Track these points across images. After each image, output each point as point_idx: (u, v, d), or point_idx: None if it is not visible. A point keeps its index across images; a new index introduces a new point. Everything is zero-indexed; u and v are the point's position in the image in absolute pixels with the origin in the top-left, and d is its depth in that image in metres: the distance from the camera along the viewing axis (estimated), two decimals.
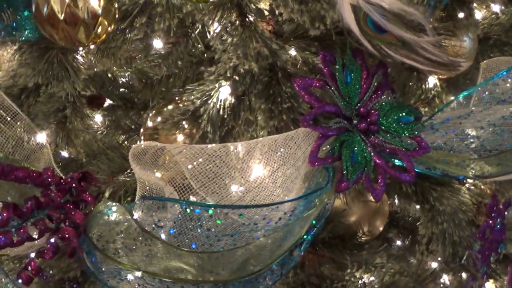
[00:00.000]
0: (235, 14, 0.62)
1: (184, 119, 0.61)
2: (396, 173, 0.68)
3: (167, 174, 0.65)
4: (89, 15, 0.53)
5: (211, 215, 0.55)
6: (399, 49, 0.54)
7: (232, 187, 0.62)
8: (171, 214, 0.57)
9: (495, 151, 0.70)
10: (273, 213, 0.58)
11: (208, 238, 0.56)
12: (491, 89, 0.69)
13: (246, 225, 0.56)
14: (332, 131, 0.65)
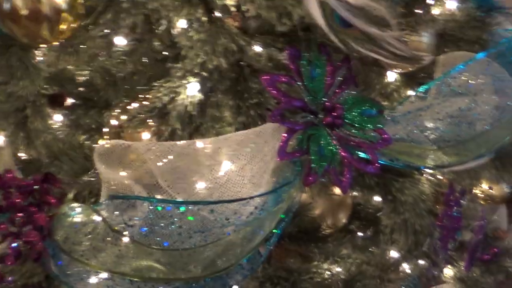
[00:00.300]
0: (202, 10, 0.61)
1: (152, 116, 0.60)
2: (361, 165, 0.70)
3: (134, 173, 0.65)
4: (52, 11, 0.51)
5: (182, 212, 0.55)
6: (365, 44, 0.55)
7: (201, 184, 0.62)
8: (142, 212, 0.57)
9: (453, 142, 0.73)
10: (244, 208, 0.58)
11: (180, 236, 0.55)
12: (449, 82, 0.72)
13: (218, 221, 0.56)
14: (299, 125, 0.66)
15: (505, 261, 1.13)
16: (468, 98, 0.72)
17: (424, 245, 0.84)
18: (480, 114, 0.72)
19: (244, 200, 0.57)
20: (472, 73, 0.72)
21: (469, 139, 0.73)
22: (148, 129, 0.63)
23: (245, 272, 0.65)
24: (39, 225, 0.63)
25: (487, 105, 0.72)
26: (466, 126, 0.73)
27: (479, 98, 0.72)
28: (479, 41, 0.89)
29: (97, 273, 0.59)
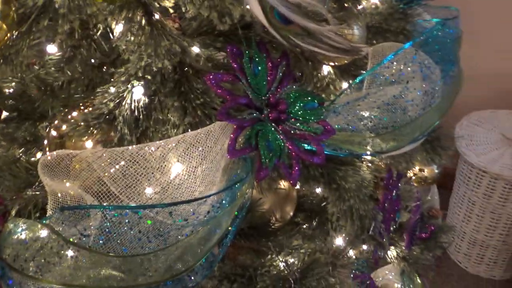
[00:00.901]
0: (140, 13, 0.61)
1: (100, 123, 0.59)
2: (308, 157, 0.72)
3: (83, 182, 0.63)
4: None
5: (140, 216, 0.54)
6: (306, 38, 0.57)
7: (153, 188, 0.62)
8: (96, 221, 0.56)
9: (390, 128, 0.77)
10: (201, 208, 0.58)
11: (139, 241, 0.55)
12: (382, 71, 0.76)
13: (176, 223, 0.56)
14: (246, 122, 0.68)
15: (441, 237, 1.20)
16: (400, 86, 0.77)
17: (369, 229, 0.88)
18: (412, 100, 0.77)
19: (201, 200, 0.57)
20: (402, 62, 0.77)
21: (404, 124, 0.77)
22: (93, 137, 0.62)
23: (204, 272, 0.66)
24: None
25: (418, 91, 0.77)
26: (400, 113, 0.77)
27: (411, 85, 0.77)
28: (404, 31, 0.94)
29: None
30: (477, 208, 2.14)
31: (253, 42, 0.69)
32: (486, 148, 2.11)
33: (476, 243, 2.22)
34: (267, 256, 0.86)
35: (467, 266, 2.30)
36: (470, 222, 2.20)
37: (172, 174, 0.63)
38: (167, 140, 0.62)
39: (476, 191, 2.12)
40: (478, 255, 2.24)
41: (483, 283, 2.25)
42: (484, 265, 2.26)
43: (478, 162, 2.05)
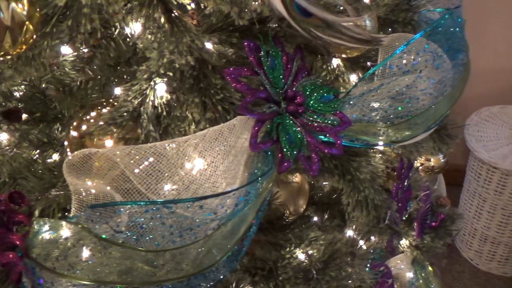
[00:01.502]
0: (160, 10, 0.62)
1: (125, 120, 0.60)
2: (326, 148, 0.73)
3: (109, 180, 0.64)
4: (14, 21, 0.49)
5: (172, 211, 0.55)
6: (326, 30, 0.58)
7: (178, 184, 0.62)
8: (127, 217, 0.56)
9: (404, 118, 0.78)
10: (229, 201, 0.59)
11: (172, 235, 0.55)
12: (395, 62, 0.77)
13: (206, 217, 0.57)
14: (266, 115, 0.68)
15: (451, 225, 1.22)
16: (413, 75, 0.78)
17: (385, 218, 0.89)
18: (425, 89, 0.78)
19: (230, 193, 0.58)
20: (414, 51, 0.78)
21: (419, 114, 0.78)
22: (115, 135, 0.62)
23: (231, 265, 0.67)
24: (14, 245, 0.60)
25: (430, 80, 0.78)
26: (414, 102, 0.78)
27: (424, 74, 0.78)
28: (411, 22, 0.95)
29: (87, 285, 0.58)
30: (488, 204, 2.12)
31: (270, 36, 0.70)
32: (496, 144, 2.09)
33: (487, 240, 2.20)
34: (285, 249, 0.87)
35: (478, 263, 2.27)
36: (481, 219, 2.17)
37: (195, 170, 0.64)
38: (189, 136, 0.62)
39: (487, 187, 2.09)
40: (490, 252, 2.22)
41: (495, 280, 2.22)
42: (496, 262, 2.23)
43: (489, 158, 2.02)
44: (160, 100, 0.62)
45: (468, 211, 2.24)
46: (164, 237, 0.55)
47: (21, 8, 0.50)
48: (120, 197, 0.61)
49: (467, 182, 2.24)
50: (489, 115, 2.24)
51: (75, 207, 0.66)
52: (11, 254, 0.59)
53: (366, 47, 0.64)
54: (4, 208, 0.63)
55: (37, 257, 0.60)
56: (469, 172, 2.20)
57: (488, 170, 2.05)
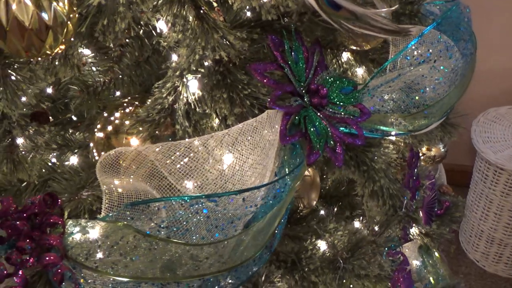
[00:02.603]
0: (190, 7, 0.62)
1: (164, 117, 0.60)
2: (350, 139, 0.75)
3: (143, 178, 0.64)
4: (56, 21, 0.49)
5: (217, 204, 0.55)
6: (355, 22, 0.60)
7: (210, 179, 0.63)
8: (171, 212, 0.56)
9: (422, 107, 0.80)
10: (270, 192, 0.60)
11: (217, 228, 0.56)
12: (411, 53, 0.79)
13: (248, 209, 0.58)
14: (294, 109, 0.70)
15: (455, 212, 1.24)
16: (428, 65, 0.80)
17: (401, 207, 0.91)
18: (440, 79, 0.80)
19: (270, 185, 0.59)
20: (428, 42, 0.80)
21: (434, 103, 0.81)
22: (148, 133, 0.63)
23: (265, 256, 0.67)
24: (52, 247, 0.60)
25: (445, 69, 0.80)
26: (430, 91, 0.80)
27: (438, 64, 0.80)
28: (418, 14, 0.97)
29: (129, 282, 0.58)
30: (495, 206, 2.08)
31: (293, 31, 0.71)
32: (503, 145, 2.06)
33: (494, 241, 2.15)
34: (305, 241, 0.88)
35: (485, 265, 2.22)
36: (488, 220, 2.14)
37: (226, 165, 0.64)
38: (220, 132, 0.63)
39: (494, 188, 2.06)
40: (496, 253, 2.17)
41: (502, 282, 2.19)
42: (503, 264, 2.19)
43: (496, 160, 1.99)
44: (192, 96, 0.62)
45: (474, 213, 2.21)
46: (209, 230, 0.56)
47: (61, 7, 0.50)
48: (157, 194, 0.62)
49: (473, 183, 2.21)
50: (496, 116, 2.21)
51: (106, 207, 0.66)
52: (52, 255, 0.59)
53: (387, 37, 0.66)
54: (38, 210, 0.63)
55: (76, 257, 0.60)
56: (476, 173, 2.17)
57: (495, 171, 2.02)
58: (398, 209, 0.91)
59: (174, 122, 0.61)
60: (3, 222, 0.62)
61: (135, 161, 0.64)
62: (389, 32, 0.61)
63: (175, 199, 0.55)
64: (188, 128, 0.61)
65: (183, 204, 0.55)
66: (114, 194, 0.66)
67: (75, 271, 0.59)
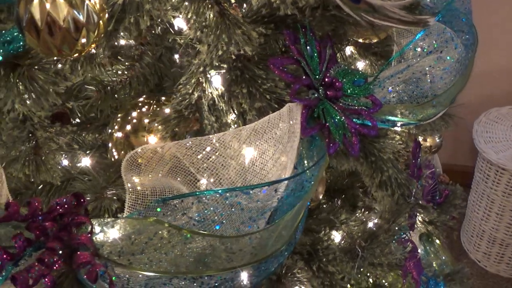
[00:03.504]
0: (212, 4, 0.63)
1: (192, 112, 0.61)
2: (364, 130, 0.77)
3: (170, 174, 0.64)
4: (90, 19, 0.49)
5: (250, 196, 0.56)
6: (374, 14, 0.61)
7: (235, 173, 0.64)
8: (202, 206, 0.57)
9: (430, 96, 0.83)
10: (298, 183, 0.61)
11: (250, 220, 0.57)
12: (419, 44, 0.81)
13: (278, 200, 0.59)
14: (312, 101, 0.71)
15: (454, 200, 1.28)
16: (435, 55, 0.82)
17: (410, 195, 0.93)
18: (447, 68, 0.82)
19: (301, 175, 0.60)
20: (435, 33, 0.82)
21: (442, 92, 0.83)
22: (174, 129, 0.63)
23: (290, 248, 0.69)
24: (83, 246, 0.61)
25: (451, 59, 0.82)
26: (438, 81, 0.82)
27: (444, 55, 0.82)
28: (418, 7, 1.00)
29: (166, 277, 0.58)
30: (497, 206, 2.08)
31: (308, 26, 0.72)
32: (505, 145, 2.06)
33: (496, 241, 2.15)
34: (319, 233, 0.89)
35: (486, 265, 2.23)
36: (489, 221, 2.13)
37: (250, 159, 0.65)
38: (242, 127, 0.64)
39: (496, 189, 2.05)
40: (498, 254, 2.17)
41: (503, 282, 2.18)
42: (504, 264, 2.19)
43: (497, 160, 1.99)
44: (216, 91, 0.63)
45: (476, 213, 2.20)
46: (243, 222, 0.56)
47: (93, 4, 0.50)
48: (186, 190, 0.62)
49: (475, 183, 2.21)
50: (498, 116, 2.21)
51: (129, 205, 0.67)
52: (85, 254, 0.59)
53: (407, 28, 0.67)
54: (64, 210, 0.63)
55: (108, 255, 0.60)
56: (478, 173, 2.17)
57: (497, 171, 2.02)
58: (407, 197, 0.93)
59: (199, 118, 0.62)
60: (30, 224, 0.62)
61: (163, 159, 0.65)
62: (407, 23, 0.63)
63: (209, 192, 0.56)
64: (214, 123, 0.62)
65: (217, 198, 0.56)
66: (138, 192, 0.66)
67: (108, 269, 0.60)
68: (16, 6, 0.50)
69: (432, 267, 1.13)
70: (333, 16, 0.76)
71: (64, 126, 0.65)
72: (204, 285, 0.61)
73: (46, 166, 0.64)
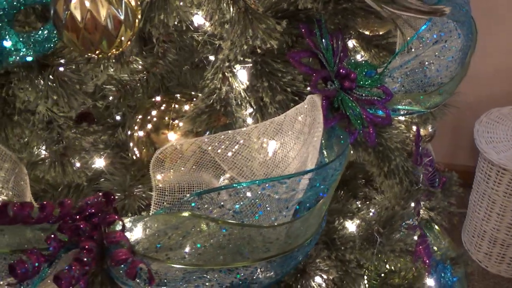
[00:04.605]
0: None
1: (223, 106, 0.61)
2: (378, 119, 0.79)
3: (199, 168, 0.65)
4: (128, 16, 0.50)
5: (287, 185, 0.57)
6: (393, 5, 0.63)
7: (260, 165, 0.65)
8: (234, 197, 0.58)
9: (437, 85, 0.85)
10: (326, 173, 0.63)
11: (287, 209, 0.58)
12: (426, 34, 0.84)
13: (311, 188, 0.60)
14: (331, 92, 0.73)
15: (451, 187, 1.31)
16: (440, 45, 0.85)
17: (418, 182, 0.96)
18: (452, 57, 0.85)
19: (329, 164, 0.61)
20: (440, 23, 0.84)
21: (449, 81, 0.86)
22: (211, 123, 0.64)
23: (317, 237, 0.70)
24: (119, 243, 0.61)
25: (455, 48, 0.85)
26: (444, 70, 0.85)
27: (448, 44, 0.85)
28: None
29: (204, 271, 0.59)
30: (498, 206, 2.08)
31: (323, 19, 0.74)
32: (506, 145, 2.06)
33: (497, 242, 2.16)
34: (332, 223, 0.91)
35: (487, 265, 2.23)
36: (491, 221, 2.14)
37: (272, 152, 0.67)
38: (274, 118, 0.65)
39: (497, 189, 2.05)
40: (499, 254, 2.18)
41: (505, 283, 2.19)
42: (505, 264, 2.19)
43: (498, 160, 1.99)
44: (242, 86, 0.64)
45: (477, 213, 2.21)
46: (280, 211, 0.58)
47: (129, 1, 0.51)
48: (216, 182, 0.63)
49: (476, 184, 2.20)
50: (499, 116, 2.20)
51: (155, 202, 0.67)
52: (123, 251, 0.59)
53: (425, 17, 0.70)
54: (95, 210, 0.63)
55: (145, 251, 0.61)
56: (479, 174, 2.16)
57: (498, 171, 2.02)
58: (415, 184, 0.96)
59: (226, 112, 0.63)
60: (63, 224, 0.62)
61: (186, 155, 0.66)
62: (425, 13, 0.65)
63: (247, 184, 0.57)
64: (244, 117, 0.63)
65: (255, 188, 0.57)
66: (165, 189, 0.67)
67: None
68: (53, 5, 0.50)
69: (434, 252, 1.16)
70: (345, 9, 0.78)
71: (90, 126, 0.65)
72: (239, 276, 0.62)
73: (72, 167, 0.64)
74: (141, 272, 0.60)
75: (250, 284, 0.64)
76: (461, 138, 2.49)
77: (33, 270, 0.58)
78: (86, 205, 0.63)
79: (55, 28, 0.50)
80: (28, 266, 0.57)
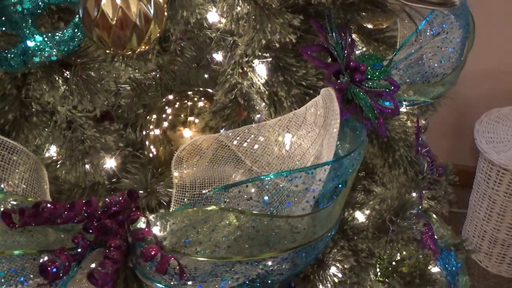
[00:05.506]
0: None
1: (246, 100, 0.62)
2: (387, 110, 0.80)
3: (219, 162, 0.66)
4: (157, 13, 0.50)
5: (313, 175, 0.59)
6: None
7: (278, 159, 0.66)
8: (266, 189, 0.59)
9: (440, 75, 0.88)
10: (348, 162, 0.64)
11: (314, 199, 0.60)
12: (428, 26, 0.86)
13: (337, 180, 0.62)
14: (344, 85, 0.74)
15: (448, 176, 1.34)
16: (441, 36, 0.87)
17: (423, 171, 0.98)
18: (454, 48, 0.88)
19: (353, 153, 0.63)
20: (441, 15, 0.87)
21: (451, 71, 0.88)
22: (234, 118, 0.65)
23: (336, 227, 0.71)
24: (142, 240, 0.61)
25: (456, 39, 0.88)
26: (447, 60, 0.87)
27: (450, 35, 0.87)
28: None
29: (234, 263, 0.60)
30: (498, 206, 2.08)
31: (332, 14, 0.75)
32: (506, 145, 2.06)
33: (497, 242, 2.15)
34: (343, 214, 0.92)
35: (488, 265, 2.23)
36: (491, 221, 2.14)
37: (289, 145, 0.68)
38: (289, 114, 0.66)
39: (497, 189, 2.05)
40: (499, 254, 2.18)
41: (505, 283, 2.19)
42: (506, 265, 2.19)
43: (499, 160, 1.99)
44: (261, 80, 0.65)
45: (477, 213, 2.20)
46: (308, 201, 0.59)
47: None
48: (239, 176, 0.64)
49: (476, 184, 2.20)
50: (500, 116, 2.19)
51: (175, 199, 0.68)
52: (153, 246, 0.59)
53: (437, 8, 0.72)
54: (119, 208, 0.64)
55: (173, 246, 0.61)
56: (479, 174, 2.16)
57: (498, 171, 2.02)
58: (420, 174, 0.98)
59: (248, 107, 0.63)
60: (89, 223, 0.62)
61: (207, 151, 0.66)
62: (436, 4, 0.67)
63: (273, 175, 0.58)
64: (265, 110, 0.64)
65: (283, 178, 0.58)
66: (186, 185, 0.67)
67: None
68: (82, 4, 0.50)
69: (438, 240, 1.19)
70: (352, 3, 0.80)
71: (111, 125, 0.65)
72: (266, 267, 0.63)
73: (95, 167, 0.64)
74: (169, 267, 0.61)
75: (275, 276, 0.65)
76: (461, 138, 2.49)
77: (64, 270, 0.58)
78: (110, 204, 0.63)
79: (84, 27, 0.50)
80: (59, 265, 0.57)
